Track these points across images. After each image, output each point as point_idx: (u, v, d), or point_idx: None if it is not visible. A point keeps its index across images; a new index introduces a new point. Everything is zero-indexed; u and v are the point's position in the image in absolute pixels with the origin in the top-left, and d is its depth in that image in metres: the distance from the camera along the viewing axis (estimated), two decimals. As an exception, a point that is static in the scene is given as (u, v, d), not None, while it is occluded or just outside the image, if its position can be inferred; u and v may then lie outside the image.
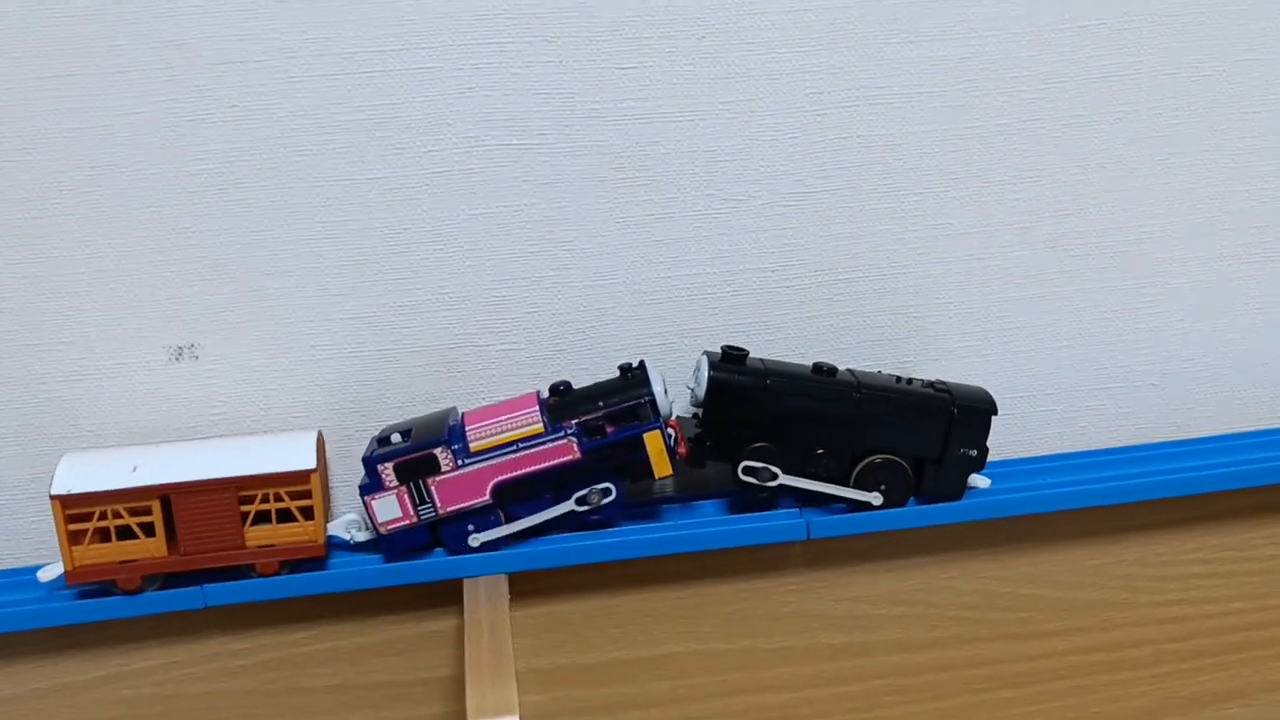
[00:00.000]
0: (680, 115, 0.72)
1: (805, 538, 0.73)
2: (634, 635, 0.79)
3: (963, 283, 0.78)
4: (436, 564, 0.71)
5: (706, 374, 0.71)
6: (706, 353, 0.72)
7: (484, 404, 0.74)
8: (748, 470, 0.71)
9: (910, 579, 0.81)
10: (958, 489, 0.74)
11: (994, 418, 0.73)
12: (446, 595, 0.74)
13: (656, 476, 0.70)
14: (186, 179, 0.69)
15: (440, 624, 0.77)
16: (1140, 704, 0.86)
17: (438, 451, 0.68)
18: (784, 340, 0.78)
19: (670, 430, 0.70)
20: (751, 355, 0.73)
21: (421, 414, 0.75)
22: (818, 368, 0.73)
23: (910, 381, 0.74)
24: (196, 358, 0.72)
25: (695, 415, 0.73)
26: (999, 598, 0.82)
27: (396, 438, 0.69)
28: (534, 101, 0.71)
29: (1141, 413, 0.83)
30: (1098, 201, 0.79)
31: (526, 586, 0.74)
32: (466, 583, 0.71)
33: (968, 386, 0.75)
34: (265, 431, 0.74)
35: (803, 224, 0.76)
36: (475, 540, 0.70)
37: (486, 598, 0.69)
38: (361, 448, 0.74)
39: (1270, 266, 0.82)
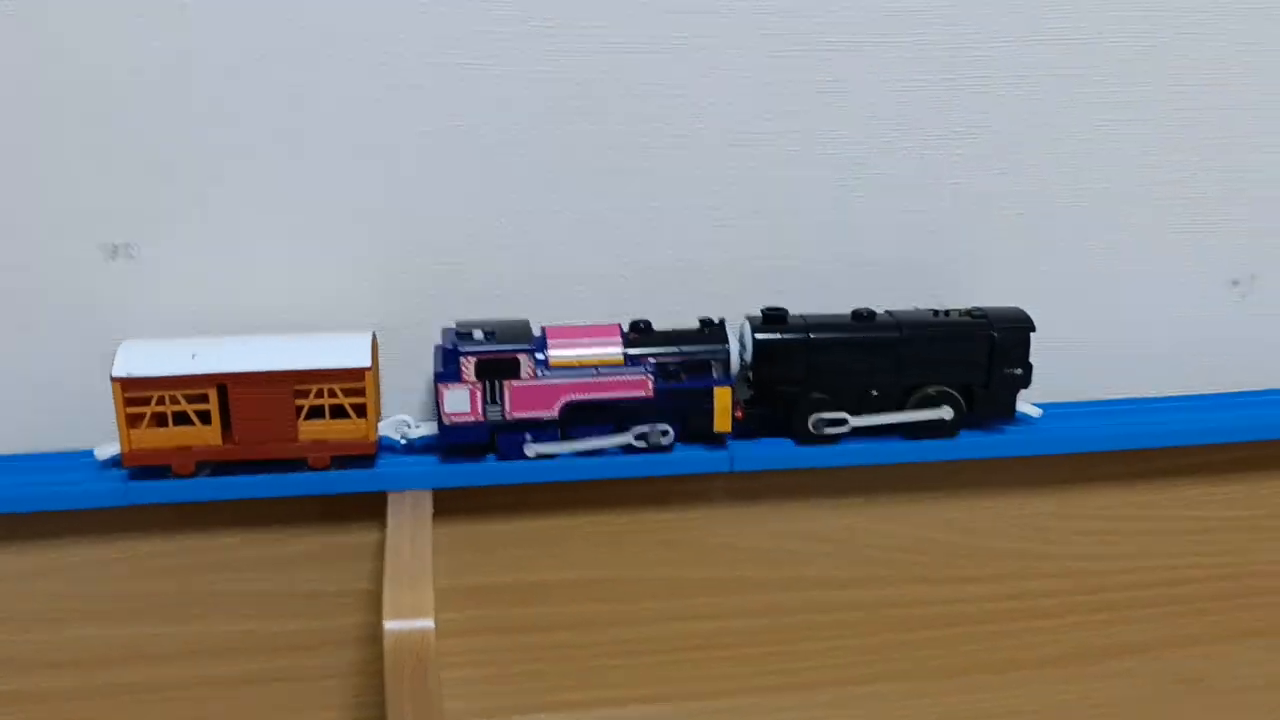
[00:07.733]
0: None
1: (729, 470, 0.74)
2: (559, 558, 0.80)
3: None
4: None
5: (751, 337, 0.73)
6: (748, 316, 0.74)
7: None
8: (819, 423, 0.74)
9: (836, 518, 0.82)
10: (1008, 410, 0.76)
11: None
12: (373, 509, 0.74)
13: (715, 430, 0.72)
14: (129, 74, 0.68)
15: (366, 538, 0.77)
16: (1048, 652, 0.88)
17: (522, 357, 0.69)
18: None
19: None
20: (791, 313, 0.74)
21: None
22: (856, 314, 0.75)
23: (947, 313, 0.76)
24: (132, 257, 0.72)
25: (746, 379, 0.75)
26: (920, 541, 0.84)
27: (479, 334, 0.70)
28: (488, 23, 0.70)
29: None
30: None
31: (451, 505, 0.74)
32: (391, 495, 0.71)
33: (999, 309, 0.76)
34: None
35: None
36: (531, 450, 0.71)
37: (411, 510, 0.70)
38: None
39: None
